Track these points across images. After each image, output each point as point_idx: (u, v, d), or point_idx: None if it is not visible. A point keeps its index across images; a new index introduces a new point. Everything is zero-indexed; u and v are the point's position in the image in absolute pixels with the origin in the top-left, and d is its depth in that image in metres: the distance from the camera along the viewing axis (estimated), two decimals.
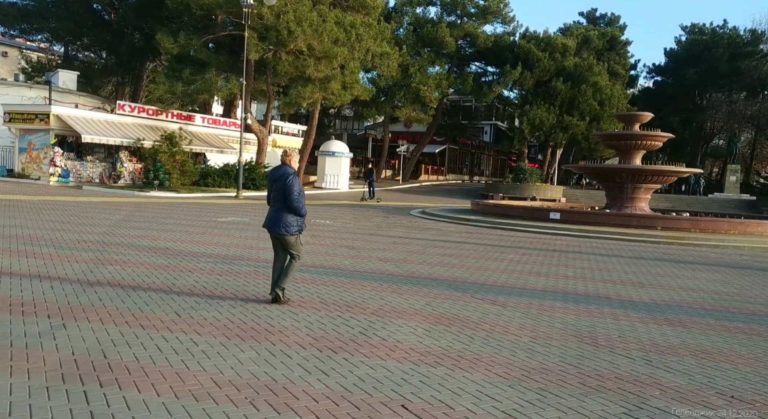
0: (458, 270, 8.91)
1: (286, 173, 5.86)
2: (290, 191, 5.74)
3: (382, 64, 30.78)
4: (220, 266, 8.17)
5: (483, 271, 8.90)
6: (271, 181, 5.99)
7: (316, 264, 8.72)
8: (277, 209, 5.92)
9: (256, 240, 11.24)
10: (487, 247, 12.02)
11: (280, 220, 5.88)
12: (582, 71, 38.50)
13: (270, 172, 6.09)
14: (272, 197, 5.99)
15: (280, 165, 6.02)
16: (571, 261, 10.61)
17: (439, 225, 16.81)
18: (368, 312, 5.93)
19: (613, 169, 19.83)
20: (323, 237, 12.24)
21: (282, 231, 5.91)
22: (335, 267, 8.63)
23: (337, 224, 15.49)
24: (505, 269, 9.23)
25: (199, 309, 5.68)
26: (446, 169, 54.15)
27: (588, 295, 7.39)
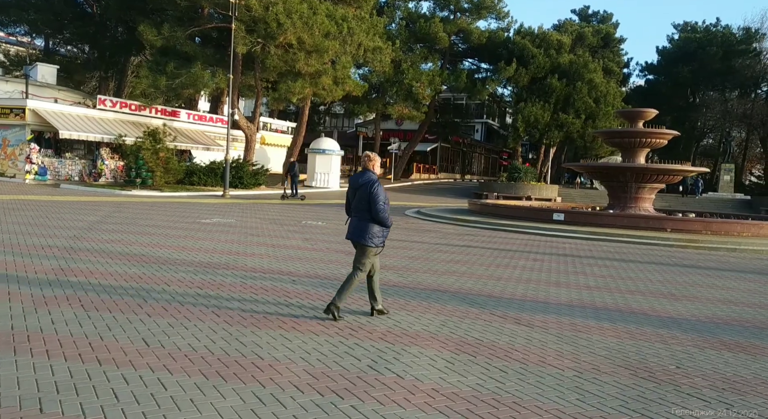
0: (468, 279, 8.00)
1: (370, 180, 5.33)
2: (376, 200, 5.24)
3: (374, 59, 29.82)
4: (201, 277, 7.19)
5: (496, 281, 8.00)
6: (353, 188, 5.48)
7: (310, 274, 7.76)
8: (360, 218, 5.41)
9: (242, 244, 10.26)
10: (494, 252, 11.13)
11: (365, 231, 5.36)
12: (577, 68, 37.80)
13: (352, 178, 5.54)
14: (354, 206, 5.48)
15: (362, 170, 5.50)
16: (586, 267, 9.75)
17: (437, 227, 15.91)
18: (375, 336, 4.99)
19: (617, 168, 19.05)
20: (317, 241, 11.28)
21: (368, 242, 5.37)
22: (332, 276, 7.69)
23: (330, 226, 14.54)
24: (519, 278, 8.34)
25: (173, 335, 4.71)
26: (438, 168, 53.33)
27: (620, 310, 6.51)
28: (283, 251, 9.78)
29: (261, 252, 9.56)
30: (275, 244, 10.55)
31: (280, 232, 12.49)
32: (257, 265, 8.24)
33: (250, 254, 9.26)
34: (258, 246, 10.14)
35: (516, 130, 37.04)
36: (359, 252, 5.46)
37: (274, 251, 9.72)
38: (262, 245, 10.36)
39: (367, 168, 5.49)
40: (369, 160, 5.50)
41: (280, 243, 10.81)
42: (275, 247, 10.17)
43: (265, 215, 16.56)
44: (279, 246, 10.30)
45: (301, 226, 14.00)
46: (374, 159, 5.49)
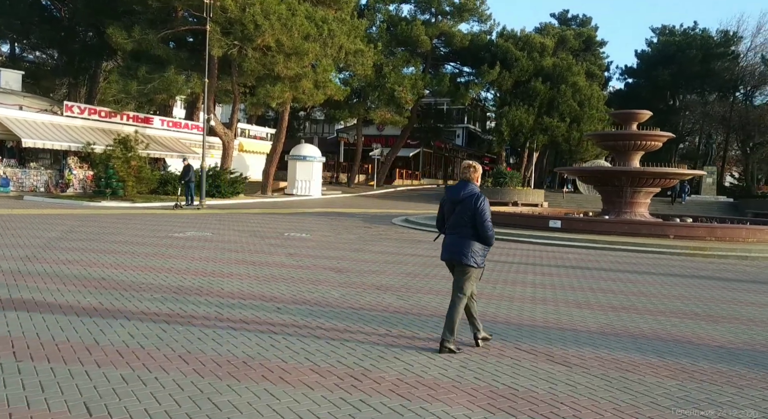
0: (483, 301, 7.03)
1: (473, 193, 4.81)
2: (483, 216, 4.75)
3: (356, 62, 28.88)
4: (169, 306, 6.12)
5: (509, 302, 7.05)
6: (451, 201, 4.91)
7: (298, 299, 6.74)
8: (460, 235, 4.85)
9: (219, 263, 9.18)
10: (497, 265, 10.20)
11: (467, 249, 4.80)
12: (561, 71, 37.33)
13: (449, 189, 5.01)
14: (451, 221, 4.91)
15: (463, 181, 4.93)
16: (601, 282, 8.87)
17: (429, 237, 14.95)
18: (384, 388, 4.00)
19: (612, 172, 18.35)
20: (302, 257, 10.24)
21: (469, 261, 4.80)
22: (322, 302, 6.67)
23: (315, 238, 13.50)
24: (533, 297, 7.41)
25: (124, 396, 3.66)
26: (421, 174, 52.56)
27: (661, 338, 5.61)
28: (265, 270, 8.74)
29: (240, 271, 8.50)
30: (256, 262, 9.50)
31: (260, 247, 11.43)
32: (236, 289, 7.19)
33: (228, 274, 8.20)
34: (236, 265, 9.07)
35: (500, 134, 36.38)
36: (460, 274, 4.86)
37: (254, 270, 8.67)
38: (241, 263, 9.29)
39: (468, 179, 4.91)
40: (472, 170, 4.92)
41: (261, 259, 9.75)
42: (256, 265, 9.12)
43: (244, 227, 15.46)
44: (260, 264, 9.25)
45: (283, 239, 12.94)
46: (478, 169, 4.93)
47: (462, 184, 4.91)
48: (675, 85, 52.73)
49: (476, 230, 4.77)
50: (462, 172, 5.03)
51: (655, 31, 58.33)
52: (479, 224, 4.75)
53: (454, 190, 4.94)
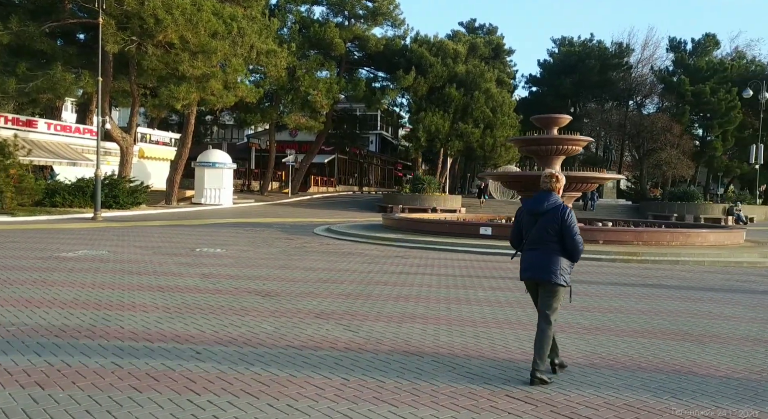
0: (438, 327, 6.04)
1: (558, 205, 4.43)
2: (572, 230, 4.38)
3: (268, 63, 27.33)
4: (47, 359, 4.60)
5: (473, 328, 6.10)
6: (531, 214, 4.51)
7: (221, 337, 5.41)
8: (545, 251, 4.44)
9: (117, 290, 7.57)
10: (440, 279, 9.29)
11: (554, 266, 4.40)
12: (474, 77, 37.69)
13: (529, 202, 4.59)
14: (533, 236, 4.49)
15: (544, 192, 4.53)
16: None
17: (357, 248, 13.87)
18: None
19: (534, 177, 18.15)
20: (220, 278, 8.80)
21: (558, 280, 4.40)
22: (252, 339, 5.39)
23: (231, 253, 12.00)
24: (496, 320, 6.51)
25: None
26: (336, 180, 51.44)
27: (660, 369, 4.85)
28: (176, 297, 7.27)
29: (144, 300, 6.99)
30: (164, 286, 7.97)
31: (168, 266, 9.83)
32: (140, 326, 5.73)
33: (129, 306, 6.66)
34: (140, 292, 7.52)
35: (417, 139, 36.05)
36: (547, 294, 4.44)
37: (163, 298, 7.17)
38: (145, 289, 7.74)
39: (550, 189, 4.51)
40: (555, 180, 4.50)
41: (170, 283, 8.22)
42: (164, 291, 7.61)
43: (147, 242, 13.60)
44: (169, 290, 7.74)
45: (194, 256, 11.35)
46: (560, 180, 4.51)
47: (544, 195, 4.48)
48: (576, 94, 55.29)
49: (563, 245, 4.39)
50: (543, 181, 4.55)
51: (556, 41, 61.02)
52: (568, 238, 4.36)
53: (534, 201, 4.50)
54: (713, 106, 48.03)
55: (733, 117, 48.19)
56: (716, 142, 48.76)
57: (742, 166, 51.44)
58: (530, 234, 4.48)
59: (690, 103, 48.75)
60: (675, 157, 47.12)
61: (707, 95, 47.80)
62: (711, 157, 50.66)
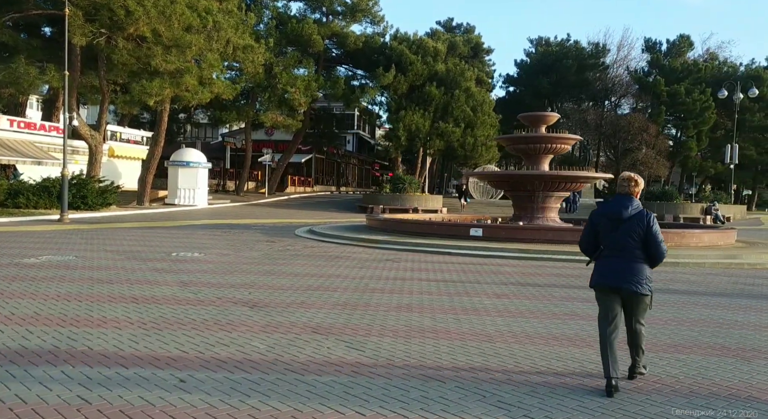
0: (452, 342, 5.39)
1: (642, 210, 4.23)
2: (657, 237, 4.18)
3: (245, 59, 26.41)
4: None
5: (505, 343, 5.47)
6: (612, 219, 4.28)
7: (207, 359, 4.67)
8: (629, 259, 4.24)
9: (86, 301, 6.75)
10: (441, 285, 8.66)
11: (640, 275, 4.23)
12: (454, 76, 37.23)
13: (607, 207, 4.42)
14: (614, 243, 4.28)
15: (623, 196, 4.32)
16: (568, 303, 7.62)
17: (344, 251, 13.16)
18: None
19: (525, 176, 17.72)
20: (200, 286, 8.01)
21: (644, 290, 4.24)
22: (244, 361, 4.67)
23: (211, 257, 11.19)
24: (512, 333, 5.89)
25: None
26: (314, 180, 50.54)
27: (735, 396, 4.29)
28: (153, 309, 6.48)
29: (117, 314, 6.20)
30: (139, 297, 7.17)
31: (143, 273, 8.99)
32: (111, 347, 4.96)
33: (99, 321, 5.87)
34: (111, 304, 6.72)
35: (398, 138, 35.42)
36: (636, 304, 4.30)
37: (137, 311, 6.38)
38: (117, 300, 6.93)
39: (629, 192, 4.31)
40: (634, 183, 4.32)
41: (145, 293, 7.42)
42: (139, 303, 6.82)
43: (119, 246, 12.69)
44: (145, 301, 6.95)
45: (171, 261, 10.51)
46: (640, 183, 4.33)
47: (625, 200, 4.26)
48: (554, 93, 55.33)
49: (646, 252, 4.22)
50: (620, 185, 4.36)
51: (533, 41, 61.12)
52: (653, 245, 4.20)
53: (615, 206, 4.28)
54: (688, 106, 48.55)
55: (707, 117, 48.77)
56: (691, 142, 49.26)
57: (716, 166, 52.10)
58: (609, 240, 4.28)
59: (666, 104, 49.19)
60: (651, 157, 47.48)
61: (682, 95, 48.28)
62: (686, 157, 51.20)
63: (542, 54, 56.32)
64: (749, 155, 49.73)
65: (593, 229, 4.41)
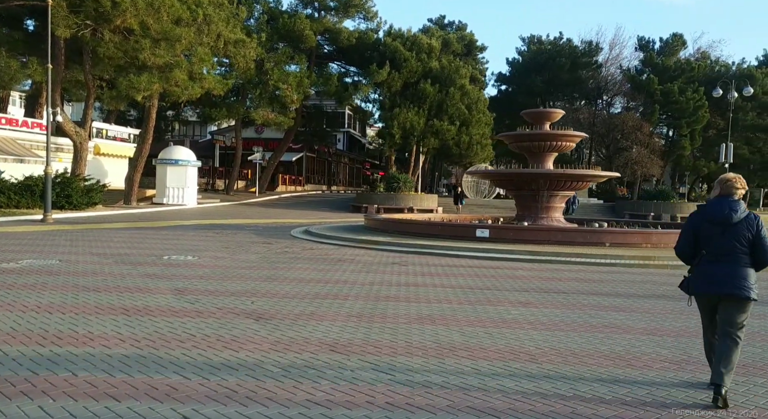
0: (498, 366, 4.73)
1: (748, 214, 3.97)
2: (765, 242, 3.93)
3: (237, 54, 25.60)
4: None
5: (553, 365, 4.82)
6: (717, 223, 3.97)
7: (211, 385, 3.96)
8: (735, 264, 3.97)
9: (70, 313, 6.00)
10: (458, 292, 8.00)
11: (750, 281, 3.96)
12: (449, 73, 36.59)
13: (712, 210, 4.03)
14: (720, 247, 3.97)
15: (728, 199, 4.01)
16: (619, 313, 6.99)
17: (346, 253, 12.47)
18: None
19: (530, 175, 17.10)
20: (197, 294, 7.29)
21: (752, 294, 3.95)
22: (257, 390, 3.97)
23: (205, 261, 10.45)
24: (571, 351, 5.25)
25: None
26: (304, 179, 49.72)
27: None
28: (146, 323, 5.76)
29: (105, 329, 5.47)
30: (129, 308, 6.43)
31: (133, 279, 8.25)
32: (100, 373, 4.24)
33: (85, 338, 5.15)
34: (99, 316, 5.99)
35: (392, 136, 34.73)
36: (738, 310, 4.03)
37: (129, 325, 5.66)
38: (106, 311, 6.20)
39: (730, 193, 4.05)
40: (739, 185, 4.08)
41: (137, 303, 6.69)
42: (130, 315, 6.09)
43: (105, 248, 11.90)
44: (137, 312, 6.22)
45: (163, 266, 9.76)
46: (744, 184, 4.12)
47: (732, 203, 4.02)
48: (548, 92, 54.91)
49: (754, 257, 4.01)
50: (724, 186, 4.10)
51: (525, 40, 60.66)
52: (762, 251, 3.97)
53: (720, 209, 4.02)
54: (681, 105, 48.31)
55: (700, 116, 48.58)
56: (685, 141, 49.07)
57: (708, 165, 52.01)
58: (714, 245, 4.02)
59: (659, 102, 48.93)
60: (645, 156, 47.23)
61: (676, 94, 48.05)
62: (679, 156, 51.04)
63: (535, 52, 55.89)
64: (741, 154, 49.63)
65: (693, 234, 4.14)
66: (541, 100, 57.94)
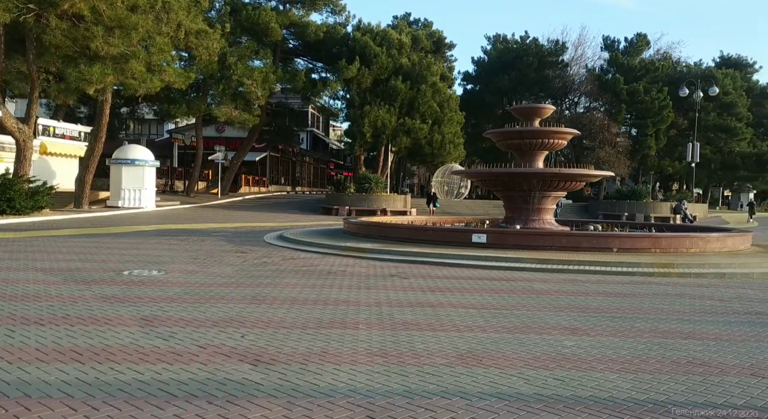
0: None
1: None
2: None
3: (199, 45, 23.76)
4: None
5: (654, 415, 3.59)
6: None
7: None
8: None
9: (8, 359, 4.45)
10: (486, 315, 6.75)
11: None
12: (420, 70, 35.49)
13: None
14: None
15: None
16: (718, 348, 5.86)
17: (333, 263, 11.06)
18: None
19: (520, 175, 16.04)
20: (169, 325, 5.79)
21: None
22: None
23: (174, 276, 8.89)
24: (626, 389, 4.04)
25: None
26: (268, 180, 47.83)
27: None
28: (108, 377, 4.26)
29: (49, 391, 3.96)
30: (83, 349, 4.91)
31: (87, 305, 6.67)
32: None
33: (17, 404, 3.63)
34: (40, 367, 4.45)
35: (362, 135, 33.36)
36: None
37: (83, 382, 4.15)
38: (50, 358, 4.66)
39: None
40: None
41: (92, 341, 5.17)
42: (85, 362, 4.57)
43: (52, 261, 10.16)
44: (93, 357, 4.71)
45: (123, 284, 8.17)
46: None
47: None
48: (515, 91, 54.53)
49: None
50: None
51: (490, 39, 60.23)
52: None
53: None
54: (647, 104, 48.66)
55: (665, 116, 49.05)
56: (650, 141, 49.40)
57: (673, 165, 52.61)
58: None
59: (625, 102, 49.14)
60: (613, 155, 47.26)
61: (641, 94, 48.34)
62: (644, 155, 51.39)
63: (502, 51, 55.42)
64: (704, 154, 50.28)
65: None
66: (507, 99, 57.66)
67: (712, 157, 53.09)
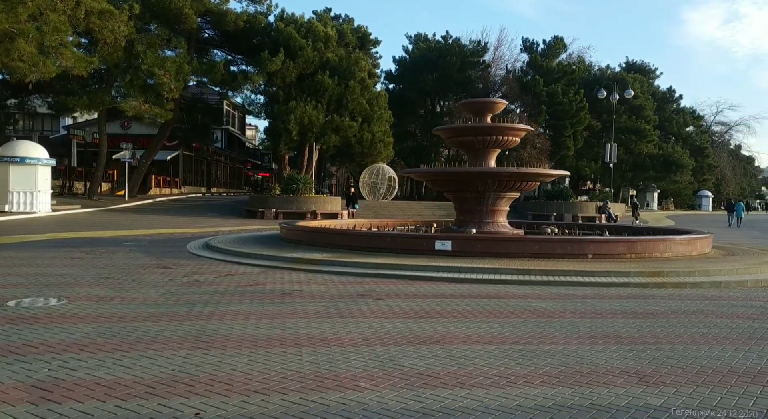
0: None
1: None
2: None
3: (103, 27, 20.80)
4: None
5: None
6: None
7: None
8: None
9: None
10: (505, 353, 5.26)
11: None
12: (348, 65, 33.88)
13: None
14: None
15: None
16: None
17: (284, 280, 9.17)
18: None
19: (475, 174, 14.80)
20: (77, 397, 3.79)
21: None
22: None
23: (81, 308, 6.71)
24: None
25: None
26: (181, 181, 44.32)
27: None
28: None
29: None
30: None
31: None
32: None
33: None
34: None
35: (288, 132, 31.21)
36: None
37: None
38: None
39: None
40: None
41: None
42: None
43: None
44: None
45: (8, 322, 5.91)
46: None
47: None
48: (438, 90, 54.15)
49: None
50: None
51: (410, 38, 59.57)
52: None
53: None
54: (564, 106, 49.83)
55: (582, 117, 50.47)
56: (568, 142, 50.61)
57: (590, 165, 54.28)
58: None
59: (545, 103, 50.05)
60: (534, 156, 47.91)
61: (559, 96, 49.45)
62: (563, 156, 52.62)
63: (425, 50, 54.84)
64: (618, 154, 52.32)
65: None
66: (431, 100, 57.30)
67: (623, 158, 55.32)
